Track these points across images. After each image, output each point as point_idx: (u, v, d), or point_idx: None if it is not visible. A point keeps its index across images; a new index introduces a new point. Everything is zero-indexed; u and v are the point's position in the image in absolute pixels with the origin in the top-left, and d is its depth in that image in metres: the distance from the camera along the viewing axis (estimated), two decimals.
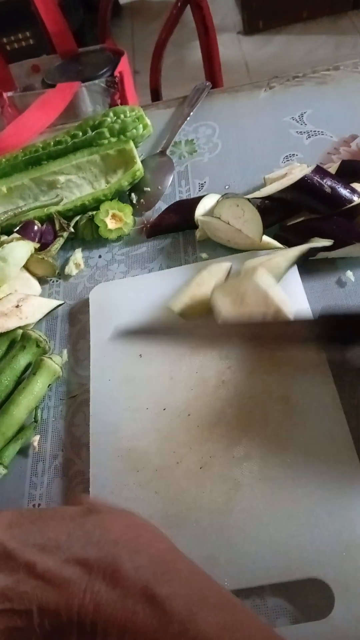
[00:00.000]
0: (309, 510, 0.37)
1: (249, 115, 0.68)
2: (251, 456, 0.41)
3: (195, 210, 0.56)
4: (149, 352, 0.48)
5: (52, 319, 0.56)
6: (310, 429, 0.41)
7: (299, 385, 0.43)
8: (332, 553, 0.36)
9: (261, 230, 0.50)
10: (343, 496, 0.37)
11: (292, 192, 0.51)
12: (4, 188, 0.62)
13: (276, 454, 0.40)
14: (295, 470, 0.39)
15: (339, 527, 0.36)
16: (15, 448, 0.46)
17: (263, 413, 0.42)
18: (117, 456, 0.43)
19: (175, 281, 0.52)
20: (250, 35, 2.31)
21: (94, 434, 0.45)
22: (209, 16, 1.04)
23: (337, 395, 0.42)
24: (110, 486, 0.42)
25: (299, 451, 0.40)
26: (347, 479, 0.38)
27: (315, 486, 0.38)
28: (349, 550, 0.35)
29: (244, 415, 0.43)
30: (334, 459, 0.39)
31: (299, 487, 0.38)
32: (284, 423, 0.42)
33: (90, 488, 0.42)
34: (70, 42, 1.01)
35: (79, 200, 0.61)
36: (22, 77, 1.08)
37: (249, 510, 0.38)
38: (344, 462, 0.39)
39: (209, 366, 0.46)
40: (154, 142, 0.70)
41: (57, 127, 0.79)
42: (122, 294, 0.53)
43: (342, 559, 0.35)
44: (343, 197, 0.50)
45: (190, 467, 0.41)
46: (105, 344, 0.50)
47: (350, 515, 0.37)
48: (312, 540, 0.36)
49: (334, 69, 0.70)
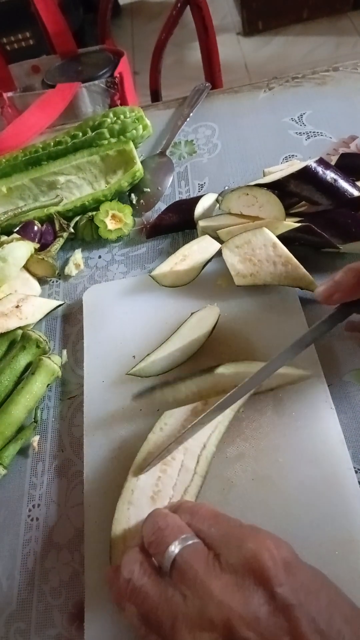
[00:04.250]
0: (301, 509, 0.37)
1: (249, 115, 0.68)
2: (244, 456, 0.41)
3: (195, 210, 0.56)
4: (142, 354, 0.48)
5: (52, 319, 0.56)
6: (303, 429, 0.41)
7: (291, 385, 0.43)
8: (325, 552, 0.36)
9: (282, 209, 0.50)
10: (335, 495, 0.37)
11: (294, 181, 0.50)
12: (4, 188, 0.63)
13: (269, 454, 0.40)
14: (288, 470, 0.39)
15: (331, 526, 0.36)
16: (15, 448, 0.46)
17: (256, 413, 0.42)
18: (111, 458, 0.43)
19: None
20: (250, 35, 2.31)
21: (88, 435, 0.45)
22: (209, 17, 1.04)
23: (329, 394, 0.42)
24: (104, 487, 0.42)
25: (291, 451, 0.40)
26: (339, 478, 0.38)
27: (308, 486, 0.38)
28: (342, 548, 0.36)
29: (237, 415, 0.43)
30: (326, 459, 0.39)
31: (292, 487, 0.39)
32: (277, 423, 0.42)
33: (84, 489, 0.42)
34: (70, 43, 1.01)
35: (79, 201, 0.62)
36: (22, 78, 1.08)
37: (242, 510, 0.38)
38: (336, 462, 0.39)
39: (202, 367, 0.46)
40: (154, 143, 0.70)
41: (57, 128, 0.79)
42: (115, 296, 0.53)
43: (335, 558, 0.35)
44: (345, 189, 0.49)
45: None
46: (99, 346, 0.50)
47: (343, 515, 0.37)
48: (305, 540, 0.36)
49: (334, 69, 0.70)
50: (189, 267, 0.51)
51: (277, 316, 0.47)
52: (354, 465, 0.39)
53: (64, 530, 0.43)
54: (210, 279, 0.51)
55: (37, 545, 0.43)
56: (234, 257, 0.49)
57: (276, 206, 0.50)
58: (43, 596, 0.40)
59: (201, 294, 0.51)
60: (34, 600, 0.40)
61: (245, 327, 0.48)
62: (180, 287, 0.51)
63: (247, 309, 0.49)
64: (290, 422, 0.41)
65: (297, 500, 0.38)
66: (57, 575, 0.41)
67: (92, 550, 0.39)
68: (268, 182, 0.51)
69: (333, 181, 0.49)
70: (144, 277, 0.54)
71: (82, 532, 0.41)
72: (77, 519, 0.43)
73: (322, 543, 0.36)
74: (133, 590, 0.30)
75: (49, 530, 0.43)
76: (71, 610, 0.39)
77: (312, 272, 0.47)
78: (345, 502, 0.37)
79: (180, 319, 0.48)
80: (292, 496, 0.38)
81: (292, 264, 0.47)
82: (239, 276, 0.48)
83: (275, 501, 0.38)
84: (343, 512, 0.37)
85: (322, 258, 0.50)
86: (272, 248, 0.48)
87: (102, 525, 0.40)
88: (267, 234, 0.49)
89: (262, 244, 0.48)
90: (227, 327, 0.48)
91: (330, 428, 0.40)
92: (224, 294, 0.50)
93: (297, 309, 0.47)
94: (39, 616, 0.40)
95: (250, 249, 0.49)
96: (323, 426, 0.41)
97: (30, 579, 0.41)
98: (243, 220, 0.53)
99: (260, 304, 0.49)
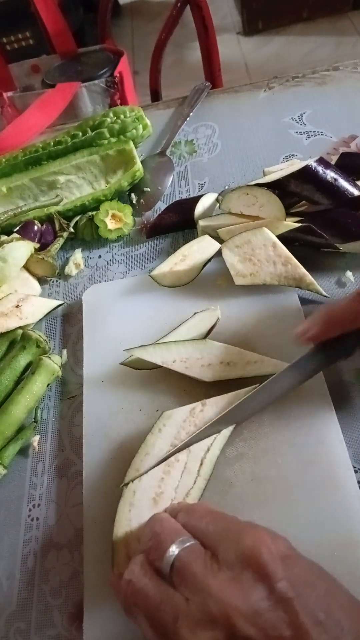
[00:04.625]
0: (300, 510, 0.37)
1: (249, 115, 0.68)
2: (243, 457, 0.41)
3: (195, 209, 0.56)
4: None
5: (52, 319, 0.56)
6: (302, 429, 0.41)
7: None
8: (323, 553, 0.35)
9: (283, 209, 0.50)
10: (334, 496, 0.37)
11: (294, 180, 0.50)
12: (4, 188, 0.62)
13: (268, 454, 0.40)
14: (286, 471, 0.39)
15: (330, 526, 0.36)
16: (15, 448, 0.46)
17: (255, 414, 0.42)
18: (111, 458, 0.43)
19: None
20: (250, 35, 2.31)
21: (87, 435, 0.45)
22: (209, 16, 1.04)
23: (329, 396, 0.42)
24: (104, 487, 0.42)
25: (291, 452, 0.40)
26: (339, 479, 0.38)
27: (307, 486, 0.38)
28: (341, 549, 0.35)
29: None
30: (325, 460, 0.39)
31: (291, 488, 0.39)
32: (276, 424, 0.42)
33: (84, 489, 0.42)
34: (70, 42, 1.01)
35: (79, 201, 0.62)
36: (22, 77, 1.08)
37: (241, 511, 0.38)
38: (336, 462, 0.39)
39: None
40: (154, 143, 0.70)
41: (57, 127, 0.79)
42: (115, 296, 0.53)
43: (333, 559, 0.35)
44: (345, 189, 0.49)
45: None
46: (99, 345, 0.50)
47: (341, 515, 0.37)
48: (303, 541, 0.36)
49: (334, 69, 0.70)
50: (188, 267, 0.51)
51: (277, 316, 0.47)
52: (353, 465, 0.39)
53: (64, 530, 0.43)
54: (210, 279, 0.51)
55: (37, 545, 0.43)
56: (234, 257, 0.49)
57: (276, 206, 0.50)
58: (43, 596, 0.40)
59: (201, 294, 0.51)
60: (34, 600, 0.40)
61: (245, 327, 0.47)
62: (180, 287, 0.51)
63: (246, 309, 0.49)
64: (290, 422, 0.41)
65: (296, 501, 0.38)
66: (57, 575, 0.41)
67: (92, 550, 0.39)
68: (268, 181, 0.51)
69: (333, 180, 0.49)
70: (144, 277, 0.54)
71: (82, 532, 0.41)
72: (77, 519, 0.43)
73: (320, 544, 0.36)
74: (134, 591, 0.30)
75: (49, 530, 0.43)
76: (71, 610, 0.39)
77: (312, 272, 0.47)
78: (344, 503, 0.37)
79: (180, 319, 0.48)
80: (291, 497, 0.38)
81: (291, 264, 0.47)
82: (238, 276, 0.48)
83: (274, 502, 0.38)
84: (342, 513, 0.37)
85: (322, 258, 0.50)
86: (272, 248, 0.48)
87: (102, 525, 0.40)
88: (267, 234, 0.49)
89: (262, 244, 0.48)
90: (226, 327, 0.48)
91: (330, 428, 0.40)
92: (224, 294, 0.50)
93: (296, 309, 0.47)
94: (39, 616, 0.40)
95: (250, 248, 0.49)
96: (322, 426, 0.41)
97: (30, 579, 0.41)
98: (243, 220, 0.53)
99: (260, 304, 0.49)
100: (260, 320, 0.48)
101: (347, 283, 0.50)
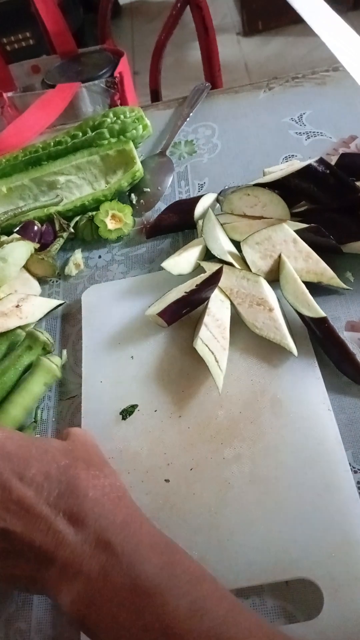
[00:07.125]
0: (298, 511, 0.38)
1: (249, 115, 0.68)
2: (242, 457, 0.41)
3: (195, 210, 0.56)
4: (141, 354, 0.48)
5: (52, 319, 0.56)
6: (300, 430, 0.41)
7: (289, 387, 0.43)
8: (322, 553, 0.36)
9: (287, 208, 0.50)
10: (332, 497, 0.37)
11: (295, 179, 0.50)
12: (4, 188, 0.63)
13: (266, 455, 0.40)
14: (285, 472, 0.39)
15: (328, 527, 0.36)
16: None
17: (253, 414, 0.42)
18: (109, 457, 0.43)
19: (169, 282, 0.51)
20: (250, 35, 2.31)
21: None
22: (209, 17, 1.04)
23: (327, 396, 0.42)
24: None
25: (288, 452, 0.40)
26: (336, 479, 0.38)
27: (305, 487, 0.38)
28: (339, 550, 0.36)
29: (234, 417, 0.43)
30: (323, 460, 0.39)
31: (289, 488, 0.39)
32: (274, 424, 0.42)
33: None
34: (70, 43, 1.01)
35: (79, 201, 0.62)
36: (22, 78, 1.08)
37: (239, 511, 0.38)
38: (333, 463, 0.39)
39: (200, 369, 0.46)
40: (154, 143, 0.70)
41: (57, 128, 0.79)
42: (115, 296, 0.53)
43: (332, 559, 0.35)
44: (346, 188, 0.49)
45: (181, 469, 0.41)
46: (97, 346, 0.50)
47: (339, 516, 0.37)
48: (301, 541, 0.36)
49: (333, 69, 0.70)
50: (197, 253, 0.52)
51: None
52: (351, 466, 0.39)
53: None
54: None
55: None
56: (255, 254, 0.49)
57: (280, 205, 0.50)
58: (43, 596, 0.40)
59: None
60: (34, 601, 0.40)
61: None
62: None
63: None
64: (288, 423, 0.41)
65: (294, 501, 0.38)
66: None
67: None
68: (267, 181, 0.51)
69: (333, 181, 0.49)
70: (144, 277, 0.54)
71: None
72: None
73: (319, 544, 0.36)
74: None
75: None
76: None
77: None
78: (342, 503, 0.37)
79: None
80: (289, 497, 0.38)
81: (312, 259, 0.47)
82: (259, 273, 0.48)
83: (272, 502, 0.38)
84: (340, 513, 0.37)
85: (322, 258, 0.50)
86: (293, 244, 0.48)
87: None
88: (287, 230, 0.48)
89: (282, 240, 0.48)
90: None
91: (328, 429, 0.40)
92: None
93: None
94: (39, 616, 0.40)
95: (271, 245, 0.48)
96: (320, 427, 0.41)
97: None
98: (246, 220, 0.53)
99: None
100: None
101: (347, 283, 0.50)
